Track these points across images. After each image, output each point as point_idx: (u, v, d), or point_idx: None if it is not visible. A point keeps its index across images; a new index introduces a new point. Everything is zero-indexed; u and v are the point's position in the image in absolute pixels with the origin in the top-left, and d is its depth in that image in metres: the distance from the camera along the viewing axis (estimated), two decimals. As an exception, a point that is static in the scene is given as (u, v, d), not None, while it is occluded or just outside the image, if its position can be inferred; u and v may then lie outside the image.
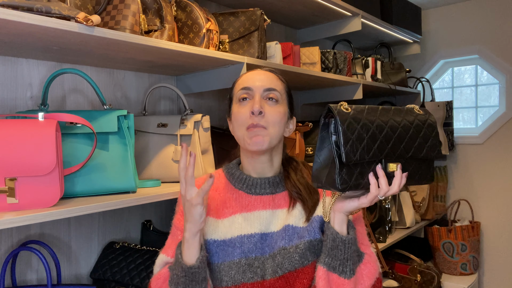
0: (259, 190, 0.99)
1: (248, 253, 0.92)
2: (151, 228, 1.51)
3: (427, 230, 2.68)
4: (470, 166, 2.81)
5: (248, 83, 0.98)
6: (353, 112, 0.83)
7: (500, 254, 2.71)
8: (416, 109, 0.91)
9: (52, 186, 0.89)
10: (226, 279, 0.91)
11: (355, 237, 0.89)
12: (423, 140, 0.88)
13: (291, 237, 0.93)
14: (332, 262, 0.88)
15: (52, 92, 1.27)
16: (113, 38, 1.00)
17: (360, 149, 0.81)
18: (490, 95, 2.83)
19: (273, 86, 0.97)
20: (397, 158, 0.86)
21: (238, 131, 0.97)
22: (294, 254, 0.91)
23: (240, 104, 0.98)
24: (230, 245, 0.93)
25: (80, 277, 1.35)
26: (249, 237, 0.94)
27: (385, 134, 0.84)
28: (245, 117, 0.95)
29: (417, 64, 3.03)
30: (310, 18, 2.13)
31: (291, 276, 0.91)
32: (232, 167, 1.05)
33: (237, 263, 0.91)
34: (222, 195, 1.01)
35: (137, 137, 1.35)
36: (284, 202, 0.99)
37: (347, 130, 0.80)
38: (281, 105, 0.98)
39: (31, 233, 1.23)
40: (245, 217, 0.96)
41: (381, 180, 0.82)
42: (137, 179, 1.14)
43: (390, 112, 0.87)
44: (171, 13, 1.26)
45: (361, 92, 2.10)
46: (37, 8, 0.86)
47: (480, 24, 2.74)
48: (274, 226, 0.96)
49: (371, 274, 0.91)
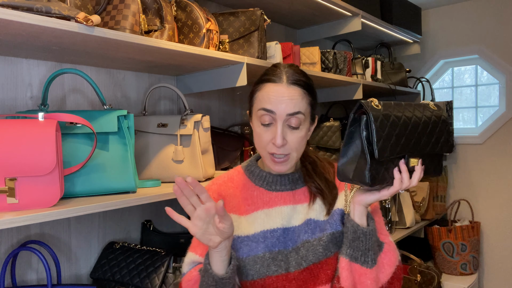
0: (279, 187, 1.02)
1: (272, 247, 0.95)
2: (151, 228, 1.51)
3: (427, 230, 2.68)
4: (470, 166, 2.81)
5: (271, 105, 0.92)
6: (383, 109, 0.85)
7: (500, 254, 2.71)
8: (431, 105, 0.95)
9: (52, 186, 0.89)
10: (252, 272, 0.94)
11: (374, 228, 0.93)
12: (439, 136, 0.92)
13: (314, 231, 0.96)
14: (354, 253, 0.91)
15: (52, 92, 1.27)
16: (113, 38, 1.00)
17: (389, 146, 0.83)
18: (490, 95, 2.83)
19: (296, 110, 0.92)
20: (417, 153, 0.89)
21: (261, 150, 0.98)
22: (317, 247, 0.94)
23: (261, 127, 0.95)
24: (254, 240, 0.96)
25: (80, 277, 1.35)
26: (271, 232, 0.97)
27: (409, 131, 0.87)
28: (267, 142, 0.94)
29: (417, 64, 3.03)
30: (310, 18, 2.13)
31: (315, 268, 0.94)
32: (251, 165, 1.07)
33: (261, 257, 0.94)
34: (243, 192, 1.03)
35: (137, 137, 1.35)
36: (304, 197, 1.01)
37: (379, 128, 0.82)
38: (303, 127, 0.95)
39: (31, 233, 1.23)
40: (267, 213, 0.99)
41: (403, 175, 0.87)
42: (137, 179, 1.14)
43: (411, 108, 0.90)
44: (171, 13, 1.26)
45: (361, 92, 2.10)
46: (37, 8, 0.86)
47: (480, 24, 2.74)
48: (295, 220, 0.98)
49: (392, 262, 0.95)
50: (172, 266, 1.27)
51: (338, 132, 2.08)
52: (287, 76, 0.95)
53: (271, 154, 0.95)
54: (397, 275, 0.96)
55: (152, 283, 1.23)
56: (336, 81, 1.94)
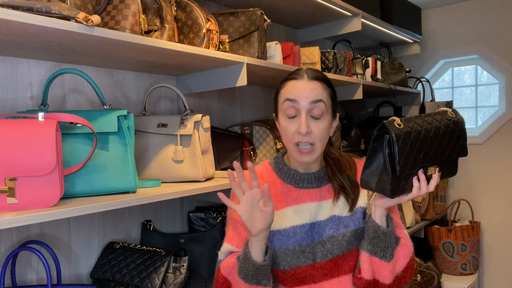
0: (307, 185, 1.11)
1: (301, 241, 1.06)
2: (151, 228, 1.51)
3: (427, 230, 2.68)
4: (470, 166, 2.81)
5: (294, 95, 1.03)
6: (404, 127, 0.92)
7: (500, 254, 2.71)
8: (449, 112, 1.01)
9: (52, 186, 0.89)
10: (283, 263, 1.04)
11: (393, 229, 1.04)
12: (456, 142, 0.99)
13: (338, 226, 1.07)
14: (374, 248, 1.02)
15: (52, 92, 1.27)
16: (113, 38, 1.00)
17: (410, 161, 0.92)
18: (490, 95, 2.83)
19: (318, 98, 1.03)
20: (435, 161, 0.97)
21: (288, 144, 1.07)
22: (342, 241, 1.05)
23: (287, 120, 1.05)
24: (285, 234, 1.06)
25: (80, 277, 1.35)
26: (300, 227, 1.07)
27: (428, 143, 0.94)
28: (293, 134, 1.04)
29: (417, 64, 3.03)
30: (310, 18, 2.13)
31: (339, 259, 1.05)
32: (279, 162, 1.16)
33: (291, 250, 1.05)
34: (273, 189, 1.12)
35: (137, 137, 1.35)
36: (329, 194, 1.11)
37: (401, 147, 0.90)
38: (325, 118, 1.05)
39: (31, 233, 1.23)
40: (296, 210, 1.09)
41: (422, 183, 0.96)
42: (137, 179, 1.14)
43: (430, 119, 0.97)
44: (171, 13, 1.26)
45: (361, 92, 2.10)
46: (37, 8, 0.86)
47: (480, 24, 2.74)
48: (320, 215, 1.09)
49: (406, 255, 1.06)
50: (172, 266, 1.27)
51: (338, 132, 2.08)
52: (307, 74, 1.07)
53: (297, 146, 1.04)
54: (410, 264, 1.06)
55: (152, 283, 1.23)
56: (336, 81, 1.94)
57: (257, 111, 2.07)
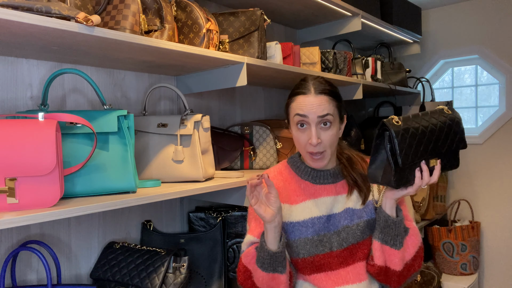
0: (323, 181, 1.22)
1: (319, 232, 1.16)
2: (151, 228, 1.51)
3: (427, 230, 2.68)
4: (470, 166, 2.82)
5: (303, 110, 1.13)
6: (402, 124, 1.01)
7: (500, 254, 2.71)
8: (445, 109, 1.10)
9: (52, 186, 0.89)
10: (303, 252, 1.16)
11: (402, 218, 1.13)
12: (454, 136, 1.08)
13: (352, 218, 1.18)
14: (385, 237, 1.12)
15: (52, 92, 1.27)
16: (113, 38, 1.00)
17: (410, 154, 1.01)
18: (490, 95, 2.83)
19: (325, 112, 1.12)
20: (436, 154, 1.06)
21: (301, 151, 1.18)
22: (356, 231, 1.16)
23: (299, 130, 1.15)
24: (304, 225, 1.17)
25: (80, 277, 1.35)
26: (318, 218, 1.18)
27: (427, 137, 1.03)
28: (305, 144, 1.15)
29: (417, 64, 3.03)
30: (310, 18, 2.13)
31: (354, 248, 1.16)
32: (296, 161, 1.26)
33: (310, 240, 1.16)
34: (292, 184, 1.23)
35: (137, 137, 1.35)
36: (343, 189, 1.22)
37: (401, 141, 0.99)
38: (334, 126, 1.15)
39: (31, 233, 1.23)
40: (314, 203, 1.19)
41: (424, 174, 1.06)
42: (137, 179, 1.14)
43: (427, 116, 1.06)
44: (171, 13, 1.26)
45: (361, 92, 2.10)
46: (37, 8, 0.86)
47: (480, 24, 2.74)
48: (336, 208, 1.19)
49: (415, 244, 1.15)
50: (172, 266, 1.27)
51: (338, 132, 2.07)
52: (314, 88, 1.14)
53: (309, 153, 1.15)
54: (418, 253, 1.15)
55: (152, 283, 1.23)
56: (336, 81, 1.94)
57: (257, 111, 2.07)
